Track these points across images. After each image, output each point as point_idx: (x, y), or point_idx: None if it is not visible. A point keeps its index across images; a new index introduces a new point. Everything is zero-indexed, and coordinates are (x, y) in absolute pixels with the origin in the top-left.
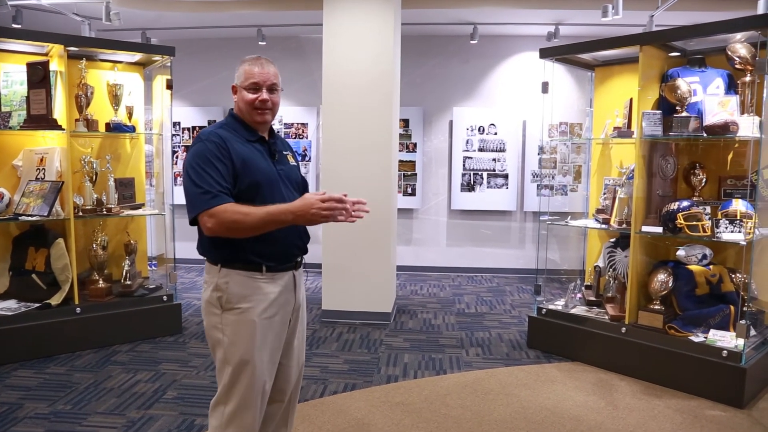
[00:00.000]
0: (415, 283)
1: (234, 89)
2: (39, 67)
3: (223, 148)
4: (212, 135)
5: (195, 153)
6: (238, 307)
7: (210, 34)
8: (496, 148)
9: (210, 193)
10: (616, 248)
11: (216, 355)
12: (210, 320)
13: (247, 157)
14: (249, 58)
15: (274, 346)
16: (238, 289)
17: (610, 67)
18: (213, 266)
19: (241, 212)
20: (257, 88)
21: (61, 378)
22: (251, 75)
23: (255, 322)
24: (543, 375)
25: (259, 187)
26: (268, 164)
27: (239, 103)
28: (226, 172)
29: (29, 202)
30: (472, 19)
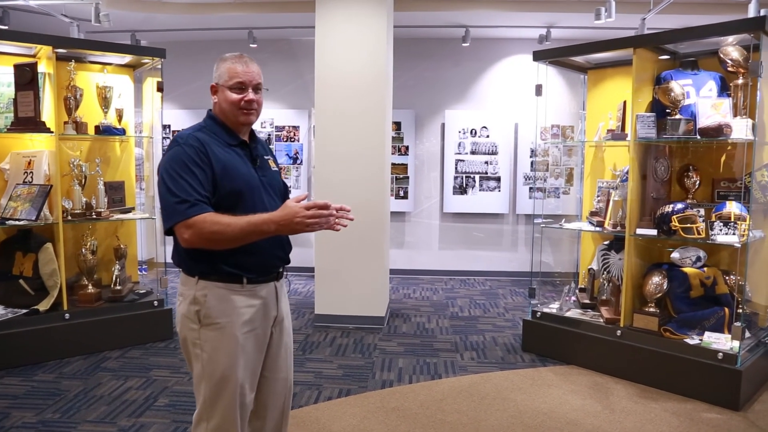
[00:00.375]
0: (407, 286)
1: (214, 89)
2: (27, 68)
3: (202, 153)
4: (190, 138)
5: (171, 158)
6: (218, 321)
7: (200, 37)
8: (488, 150)
9: (187, 202)
10: (610, 251)
11: (193, 369)
12: (187, 335)
13: (228, 163)
14: (231, 56)
15: (255, 360)
16: (217, 303)
17: (603, 69)
18: (189, 278)
19: (222, 222)
20: (243, 88)
21: (49, 385)
22: (236, 74)
23: (236, 337)
24: (539, 379)
25: (240, 195)
26: (250, 170)
27: (221, 104)
28: (204, 179)
29: (17, 206)
30: (464, 21)
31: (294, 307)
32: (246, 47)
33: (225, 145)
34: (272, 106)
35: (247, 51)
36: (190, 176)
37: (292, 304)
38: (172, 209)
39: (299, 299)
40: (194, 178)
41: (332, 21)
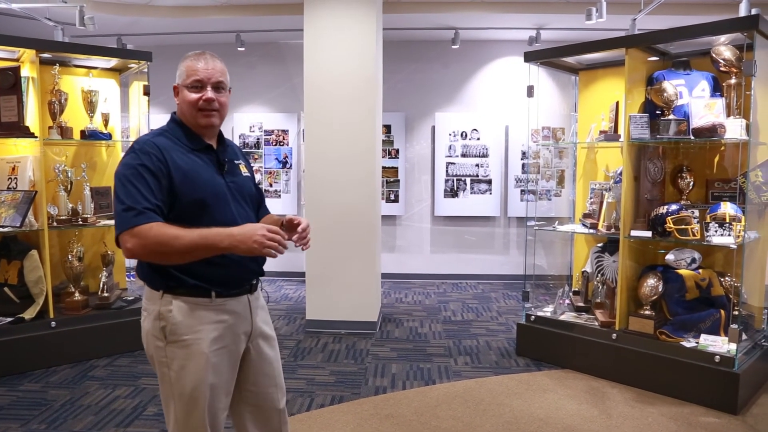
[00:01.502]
0: (399, 290)
1: (176, 90)
2: (9, 72)
3: (159, 160)
4: (147, 144)
5: (124, 164)
6: (184, 338)
7: (188, 40)
8: (479, 153)
9: (133, 210)
10: (603, 253)
11: (162, 387)
12: (153, 353)
13: (189, 170)
14: (191, 54)
15: (228, 378)
16: (184, 319)
17: (594, 70)
18: (154, 292)
19: (169, 234)
20: (201, 86)
21: (35, 395)
22: (194, 71)
23: (205, 355)
24: (534, 383)
25: (204, 205)
26: (215, 177)
27: (181, 106)
28: (157, 187)
29: (1, 213)
30: (454, 23)
31: (285, 313)
32: (234, 50)
33: (188, 150)
34: (261, 110)
35: (234, 54)
36: (140, 183)
37: (283, 309)
38: (119, 218)
39: (290, 305)
40: (145, 186)
41: (321, 24)
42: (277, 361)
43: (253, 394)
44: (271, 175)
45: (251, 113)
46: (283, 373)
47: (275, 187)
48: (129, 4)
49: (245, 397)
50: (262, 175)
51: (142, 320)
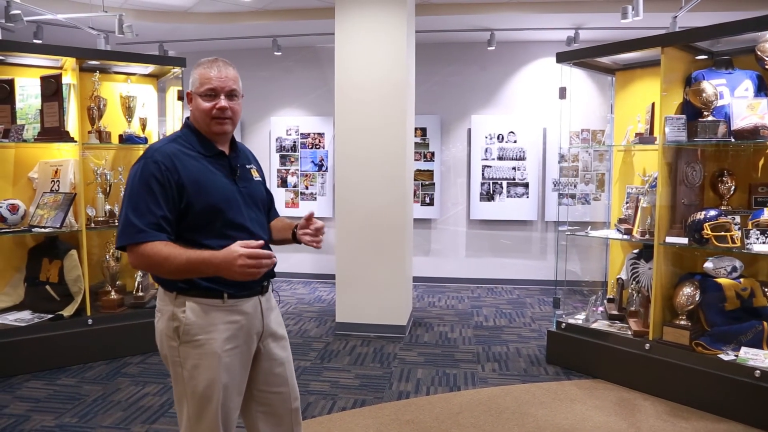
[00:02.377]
0: (433, 294)
1: (189, 97)
2: (52, 80)
3: (167, 169)
4: (158, 152)
5: (135, 173)
6: (198, 338)
7: (226, 46)
8: (516, 156)
9: (135, 226)
10: (639, 260)
11: (175, 387)
12: (167, 352)
13: (201, 177)
14: (204, 61)
15: (240, 378)
16: (197, 319)
17: (632, 71)
18: (168, 293)
19: (162, 255)
20: (214, 95)
21: (70, 390)
22: (207, 80)
23: (217, 354)
24: (561, 393)
25: (217, 210)
26: (227, 182)
27: (195, 113)
28: (164, 197)
29: (43, 214)
30: (489, 25)
31: (317, 315)
32: (270, 55)
33: (200, 156)
34: (298, 114)
35: (271, 59)
36: (147, 195)
37: (315, 311)
38: (124, 229)
39: (323, 307)
40: (151, 197)
41: (351, 27)
42: (288, 361)
43: (264, 394)
44: (307, 178)
45: (288, 117)
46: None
47: (311, 190)
48: (169, 12)
49: (256, 397)
50: (298, 177)
51: (156, 321)
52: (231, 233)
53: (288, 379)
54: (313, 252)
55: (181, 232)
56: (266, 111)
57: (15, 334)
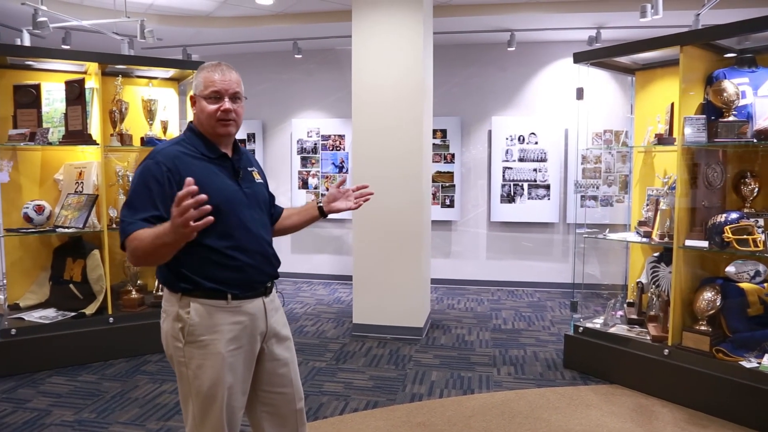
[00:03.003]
0: (452, 297)
1: (192, 100)
2: (75, 84)
3: (168, 169)
4: (160, 154)
5: (137, 173)
6: (202, 339)
7: (247, 49)
8: (537, 157)
9: (126, 222)
10: (659, 263)
11: (180, 386)
12: (172, 353)
13: (204, 178)
14: (208, 65)
15: (244, 377)
16: (201, 320)
17: (652, 70)
18: (173, 294)
19: (139, 239)
20: (219, 97)
21: (90, 386)
22: (211, 83)
23: (221, 354)
24: (577, 398)
25: (218, 210)
26: (229, 184)
27: (199, 116)
28: (161, 197)
29: (67, 215)
30: (509, 25)
31: (335, 316)
32: (291, 58)
33: (204, 158)
34: (318, 116)
35: (292, 62)
36: (144, 193)
37: (333, 312)
38: (122, 228)
39: (341, 308)
40: (148, 196)
41: (368, 30)
42: (293, 362)
43: (268, 395)
44: (327, 180)
45: (309, 119)
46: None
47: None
48: (191, 17)
49: (260, 397)
50: (319, 179)
51: (162, 321)
52: (233, 233)
53: (292, 379)
54: (333, 253)
55: None
56: (287, 113)
57: (40, 331)
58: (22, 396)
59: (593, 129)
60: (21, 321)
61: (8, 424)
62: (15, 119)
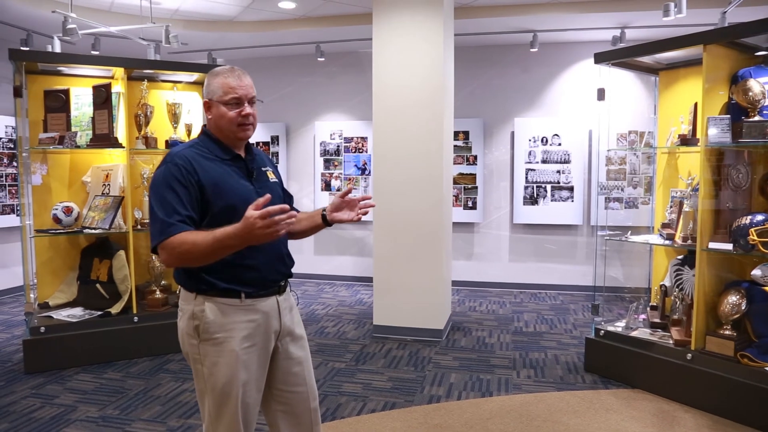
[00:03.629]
0: (474, 299)
1: (207, 105)
2: (102, 89)
3: (189, 171)
4: (177, 156)
5: (158, 176)
6: (216, 336)
7: (271, 53)
8: (561, 159)
9: (165, 223)
10: (683, 266)
11: (197, 383)
12: (188, 350)
13: (219, 179)
14: (222, 70)
15: (258, 375)
16: (215, 318)
17: (675, 70)
18: (189, 293)
19: (189, 242)
20: (239, 103)
21: (115, 383)
22: (231, 89)
23: (235, 352)
24: (597, 402)
25: (234, 210)
26: (244, 184)
27: (217, 121)
28: (187, 197)
29: (94, 216)
30: (532, 26)
31: (356, 317)
32: (314, 61)
33: (218, 160)
34: (341, 118)
35: (315, 65)
36: (171, 195)
37: (354, 313)
38: (154, 230)
39: (363, 309)
40: (175, 197)
41: (388, 32)
42: (307, 361)
43: (283, 393)
44: (350, 182)
45: (332, 121)
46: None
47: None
48: (216, 21)
49: (275, 395)
50: (342, 181)
51: (178, 320)
52: None
53: (306, 378)
54: (356, 255)
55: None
56: (310, 116)
57: (67, 329)
58: (50, 392)
59: (617, 130)
60: (50, 319)
61: (36, 419)
62: (45, 123)
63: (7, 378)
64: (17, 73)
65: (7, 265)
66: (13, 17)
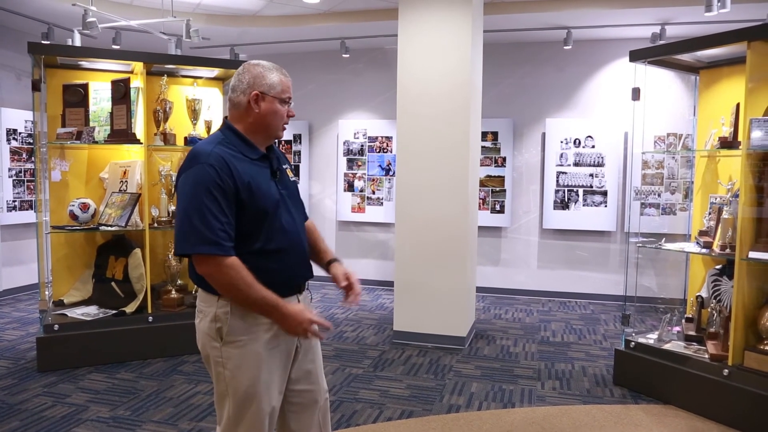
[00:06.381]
0: (500, 306)
1: (259, 98)
2: (120, 84)
3: (227, 175)
4: (211, 156)
5: (193, 178)
6: (240, 339)
7: (294, 48)
8: (594, 162)
9: (206, 234)
10: (722, 276)
11: (216, 386)
12: (209, 352)
13: (253, 182)
14: (276, 67)
15: (281, 377)
16: (239, 321)
17: (718, 69)
18: (210, 295)
19: (245, 282)
20: (289, 102)
21: (127, 384)
22: (288, 87)
23: (259, 354)
24: (625, 417)
25: (265, 213)
26: (271, 186)
27: (267, 116)
28: (227, 204)
29: (111, 213)
30: (566, 22)
31: (376, 322)
32: (339, 57)
33: (247, 160)
34: (365, 117)
35: (340, 61)
36: (211, 202)
37: (375, 318)
38: (194, 237)
39: (383, 314)
40: (216, 206)
41: (414, 28)
42: (319, 358)
43: (295, 393)
44: (374, 182)
45: (356, 120)
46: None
47: (378, 195)
48: (238, 16)
49: (287, 396)
50: (365, 182)
51: (198, 321)
52: (274, 236)
53: (318, 376)
54: (378, 258)
55: None
56: (334, 114)
57: (81, 328)
58: (62, 391)
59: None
60: (64, 317)
61: (46, 418)
62: (63, 118)
63: (20, 376)
64: (36, 67)
65: (25, 262)
66: (34, 11)
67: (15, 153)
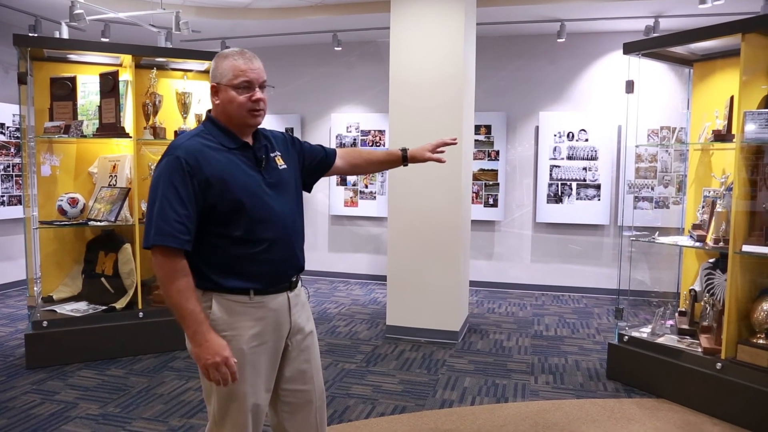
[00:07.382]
0: (493, 300)
1: (215, 89)
2: (109, 77)
3: (192, 167)
4: (180, 149)
5: (160, 171)
6: (223, 334)
7: (286, 41)
8: (587, 155)
9: (165, 229)
10: (715, 270)
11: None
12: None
13: (226, 173)
14: (231, 52)
15: (268, 374)
16: (223, 316)
17: (712, 61)
18: (196, 290)
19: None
20: (250, 87)
21: (118, 381)
22: (241, 72)
23: (243, 351)
24: (618, 411)
25: (241, 204)
26: (251, 175)
27: (226, 106)
28: (188, 196)
29: (100, 208)
30: (559, 15)
31: (369, 317)
32: (331, 50)
33: (224, 149)
34: (358, 110)
35: (332, 54)
36: (172, 194)
37: (368, 313)
38: (148, 226)
39: (376, 309)
40: (176, 197)
41: (406, 21)
42: (315, 358)
43: (290, 393)
44: (366, 177)
45: (348, 113)
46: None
47: (371, 189)
48: (229, 8)
49: (281, 395)
50: (358, 176)
51: None
52: (256, 228)
53: (314, 376)
54: (371, 252)
55: (209, 227)
56: (326, 107)
57: (70, 324)
58: (51, 388)
59: (648, 125)
60: (53, 313)
61: (35, 416)
62: (51, 111)
63: (8, 373)
64: (22, 60)
65: (13, 258)
66: (21, 2)
67: (3, 147)
